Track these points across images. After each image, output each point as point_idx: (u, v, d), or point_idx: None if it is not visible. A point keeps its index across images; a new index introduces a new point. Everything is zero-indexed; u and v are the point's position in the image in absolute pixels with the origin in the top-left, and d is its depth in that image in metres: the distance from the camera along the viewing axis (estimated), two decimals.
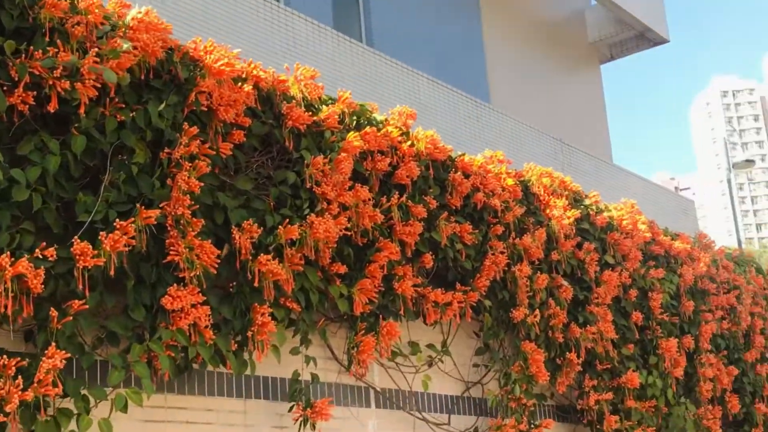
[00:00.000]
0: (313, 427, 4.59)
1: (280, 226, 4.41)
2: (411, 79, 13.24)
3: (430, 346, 5.69)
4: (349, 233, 4.80)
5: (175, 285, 3.95)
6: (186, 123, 4.11)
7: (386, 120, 5.46)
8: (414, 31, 15.31)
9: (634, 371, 6.67)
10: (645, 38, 18.71)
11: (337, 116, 5.00)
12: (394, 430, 5.34)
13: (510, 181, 6.20)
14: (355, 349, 4.94)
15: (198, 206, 4.08)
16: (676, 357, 7.06)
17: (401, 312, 5.15)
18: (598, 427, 6.41)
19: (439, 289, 5.41)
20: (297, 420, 4.59)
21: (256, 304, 4.28)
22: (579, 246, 6.63)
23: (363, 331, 4.97)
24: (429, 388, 5.60)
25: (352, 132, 4.94)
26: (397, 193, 5.17)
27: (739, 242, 24.89)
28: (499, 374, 5.97)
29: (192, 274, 3.98)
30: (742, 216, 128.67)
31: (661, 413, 6.88)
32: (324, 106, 5.03)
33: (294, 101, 4.81)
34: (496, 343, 6.09)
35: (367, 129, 5.11)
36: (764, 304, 8.67)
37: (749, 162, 27.73)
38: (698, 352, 7.54)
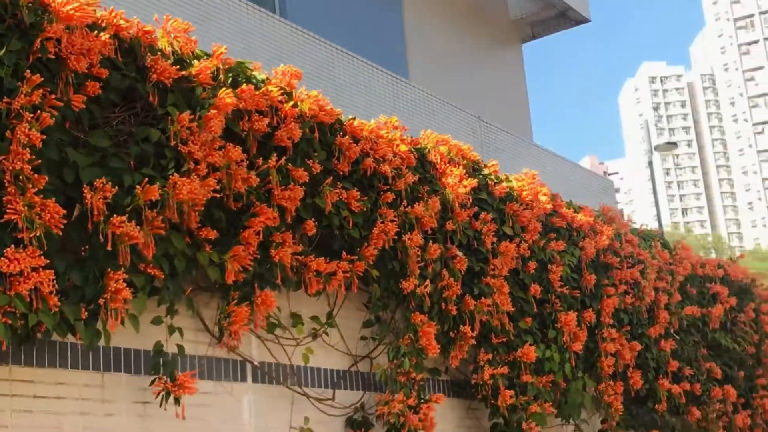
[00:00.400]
0: (177, 401, 4.31)
1: (138, 186, 4.10)
2: (325, 52, 12.93)
3: (314, 318, 5.44)
4: (219, 196, 4.50)
5: (13, 246, 3.62)
6: (30, 71, 3.77)
7: (268, 79, 5.17)
8: (331, 5, 14.99)
9: (531, 345, 6.50)
10: (566, 17, 18.64)
11: (210, 72, 4.68)
12: (272, 407, 5.08)
13: (403, 148, 5.95)
14: (227, 319, 4.66)
15: (42, 162, 3.75)
16: (575, 331, 6.92)
17: (279, 281, 4.88)
18: (492, 402, 6.23)
19: (323, 258, 5.15)
20: (158, 394, 4.30)
21: (110, 270, 3.97)
22: (476, 216, 6.43)
23: (236, 301, 4.68)
24: (312, 361, 5.36)
25: (224, 88, 4.63)
26: (275, 155, 4.88)
27: (660, 224, 25.11)
28: (388, 348, 5.73)
29: (32, 235, 3.65)
30: (668, 201, 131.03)
31: (559, 388, 6.74)
32: (196, 61, 4.71)
33: (160, 54, 4.48)
34: (386, 315, 5.87)
35: (244, 86, 4.81)
36: (669, 279, 8.59)
37: (671, 144, 27.98)
38: (600, 327, 7.41)
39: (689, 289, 9.05)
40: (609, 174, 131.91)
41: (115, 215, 3.95)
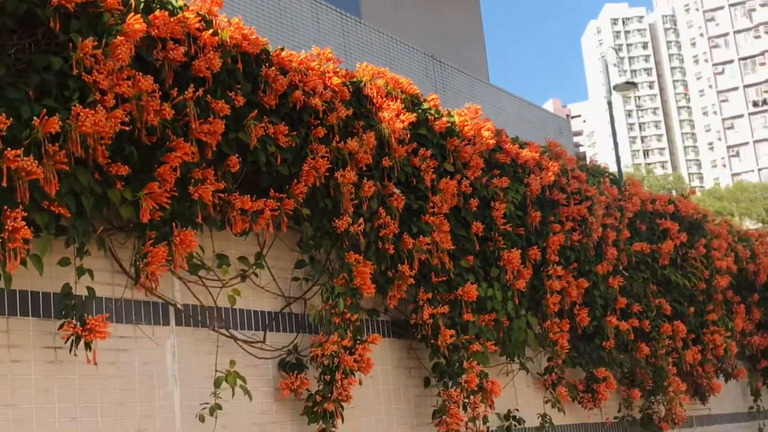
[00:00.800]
0: (88, 346, 4.09)
1: (36, 118, 3.82)
2: None
3: (242, 258, 5.21)
4: (129, 129, 4.22)
5: None
6: None
7: (186, 6, 4.87)
8: None
9: (472, 283, 6.33)
10: None
11: None
12: (197, 350, 4.87)
13: (336, 80, 5.69)
14: (143, 260, 4.42)
15: None
16: (519, 269, 6.76)
17: (200, 220, 4.64)
18: (433, 341, 6.08)
19: (248, 196, 4.91)
20: (67, 339, 4.07)
21: (7, 208, 3.71)
22: (415, 152, 6.20)
23: (153, 241, 4.44)
24: (242, 304, 5.16)
25: (133, 14, 4.33)
26: (192, 86, 4.59)
27: (618, 163, 24.95)
28: (322, 288, 5.53)
29: None
30: (630, 142, 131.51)
31: (502, 327, 6.60)
32: None
33: None
34: (320, 255, 5.67)
35: (157, 12, 4.51)
36: (618, 216, 8.44)
37: (630, 84, 27.69)
38: (545, 264, 7.26)
39: (639, 225, 8.92)
40: (572, 117, 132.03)
41: (10, 149, 3.68)
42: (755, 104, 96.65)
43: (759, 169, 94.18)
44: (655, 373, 8.54)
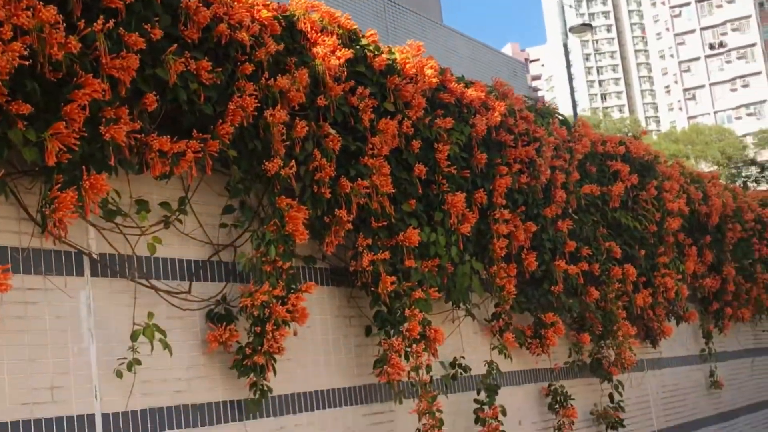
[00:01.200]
0: None
1: None
2: None
3: (164, 204, 4.90)
4: (28, 63, 3.87)
5: None
6: None
7: None
8: None
9: (415, 228, 6.07)
10: None
11: None
12: (115, 302, 4.56)
13: (266, 13, 5.33)
14: (50, 206, 4.09)
15: None
16: (464, 212, 6.51)
17: (113, 162, 4.30)
18: (373, 289, 5.83)
19: (168, 137, 4.58)
20: None
21: None
22: (352, 91, 5.88)
23: (60, 185, 4.10)
24: (164, 252, 4.87)
25: None
26: (102, 17, 4.23)
27: (575, 107, 24.82)
28: (253, 235, 5.23)
29: None
30: (588, 86, 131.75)
31: (446, 272, 6.37)
32: None
33: None
34: (251, 200, 5.36)
35: None
36: (568, 158, 8.21)
37: (586, 26, 27.45)
38: (492, 208, 7.02)
39: (589, 167, 8.70)
40: (531, 61, 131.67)
41: None
42: (712, 47, 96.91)
43: (715, 112, 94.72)
44: (605, 317, 8.42)
